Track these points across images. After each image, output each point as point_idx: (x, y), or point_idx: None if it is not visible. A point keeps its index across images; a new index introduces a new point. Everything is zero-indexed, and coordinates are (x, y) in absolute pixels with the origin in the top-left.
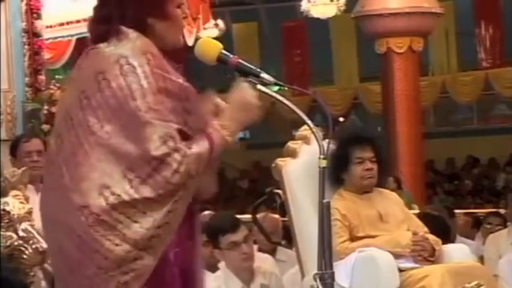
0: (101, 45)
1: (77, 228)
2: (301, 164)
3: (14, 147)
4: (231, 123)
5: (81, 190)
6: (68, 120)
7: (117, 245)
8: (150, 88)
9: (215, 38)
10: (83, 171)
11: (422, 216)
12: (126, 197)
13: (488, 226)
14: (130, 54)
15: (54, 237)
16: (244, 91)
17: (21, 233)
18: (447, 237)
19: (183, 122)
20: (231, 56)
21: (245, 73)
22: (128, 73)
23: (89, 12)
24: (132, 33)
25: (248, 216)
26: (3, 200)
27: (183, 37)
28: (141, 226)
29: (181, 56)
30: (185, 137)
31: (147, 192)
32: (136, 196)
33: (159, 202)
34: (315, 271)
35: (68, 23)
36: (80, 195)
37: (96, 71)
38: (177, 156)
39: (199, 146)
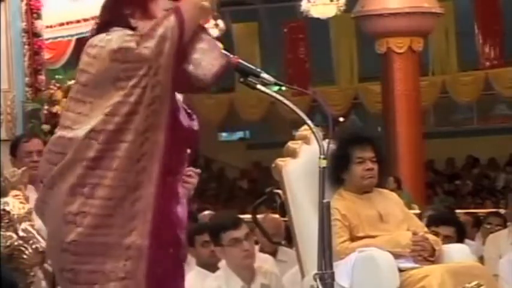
0: None
1: (90, 152)
2: (301, 164)
3: (14, 147)
4: None
5: (86, 125)
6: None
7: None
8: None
9: (215, 38)
10: (86, 115)
11: (446, 213)
12: (117, 98)
13: (488, 226)
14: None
15: (64, 184)
16: None
17: (21, 233)
18: (464, 236)
19: None
20: (231, 56)
21: (245, 73)
22: (111, 32)
23: (89, 12)
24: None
25: (248, 216)
26: (3, 200)
27: None
28: (139, 114)
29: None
30: None
31: (130, 82)
32: (123, 92)
33: (143, 83)
34: (315, 271)
35: (68, 23)
36: (85, 127)
37: (85, 47)
38: (133, 38)
39: (162, 27)
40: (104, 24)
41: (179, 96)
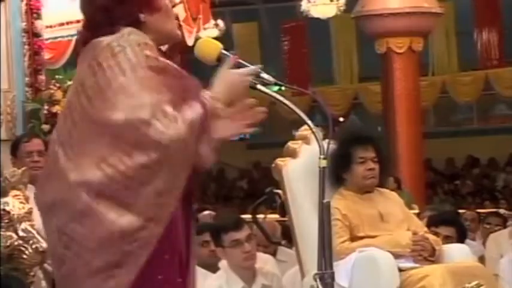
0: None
1: (78, 204)
2: (301, 164)
3: (15, 147)
4: (219, 95)
5: (79, 167)
6: (66, 111)
7: (120, 215)
8: (139, 63)
9: (215, 38)
10: (79, 149)
11: (447, 214)
12: (122, 167)
13: (488, 226)
14: (122, 39)
15: (54, 221)
16: (230, 72)
17: (21, 233)
18: (465, 237)
19: (180, 98)
20: (231, 55)
21: None
22: (117, 53)
23: None
24: (125, 29)
25: (248, 216)
26: (3, 200)
27: (182, 34)
28: (143, 196)
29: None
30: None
31: (140, 157)
32: (130, 164)
33: (155, 168)
34: (315, 271)
35: (68, 23)
36: (78, 172)
37: (90, 58)
38: (164, 119)
39: (193, 111)
40: (108, 21)
41: None
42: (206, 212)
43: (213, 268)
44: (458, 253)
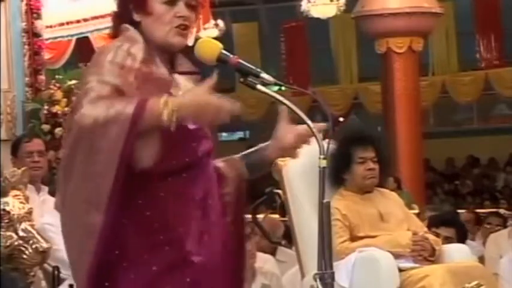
0: None
1: None
2: (301, 164)
3: (16, 147)
4: (181, 103)
5: None
6: None
7: None
8: (111, 61)
9: (215, 38)
10: None
11: (447, 214)
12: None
13: (488, 226)
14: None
15: None
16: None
17: (21, 233)
18: (466, 237)
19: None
20: (231, 56)
21: (245, 73)
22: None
23: (89, 12)
24: (127, 29)
25: (248, 216)
26: (3, 200)
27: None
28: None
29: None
30: None
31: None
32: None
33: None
34: (315, 271)
35: (68, 23)
36: None
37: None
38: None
39: (123, 106)
40: (116, 17)
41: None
42: None
43: None
44: (458, 253)
